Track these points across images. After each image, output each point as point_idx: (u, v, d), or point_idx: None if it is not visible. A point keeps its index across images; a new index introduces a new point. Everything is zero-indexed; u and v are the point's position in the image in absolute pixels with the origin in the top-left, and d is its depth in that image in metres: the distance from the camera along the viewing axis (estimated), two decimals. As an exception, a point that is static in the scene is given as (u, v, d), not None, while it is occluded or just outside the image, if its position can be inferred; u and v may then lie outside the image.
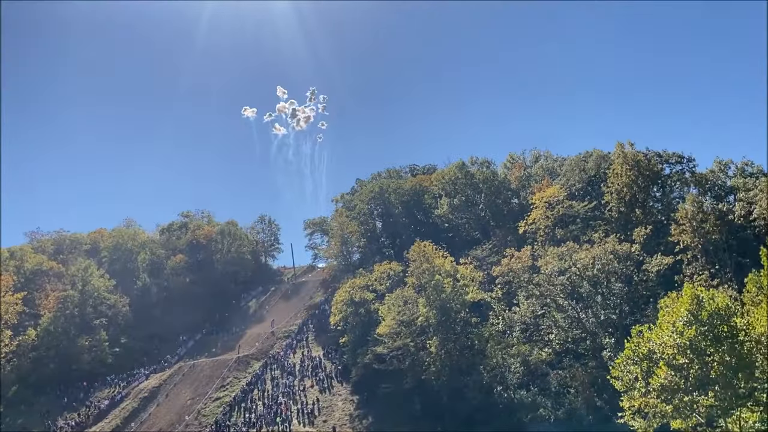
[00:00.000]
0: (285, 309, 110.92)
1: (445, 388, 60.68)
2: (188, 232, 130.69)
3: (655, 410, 35.87)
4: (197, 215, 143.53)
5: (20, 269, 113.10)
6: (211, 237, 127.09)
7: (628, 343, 38.49)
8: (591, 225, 71.57)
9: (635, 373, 37.66)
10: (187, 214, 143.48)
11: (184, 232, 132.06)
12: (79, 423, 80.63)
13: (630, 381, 38.13)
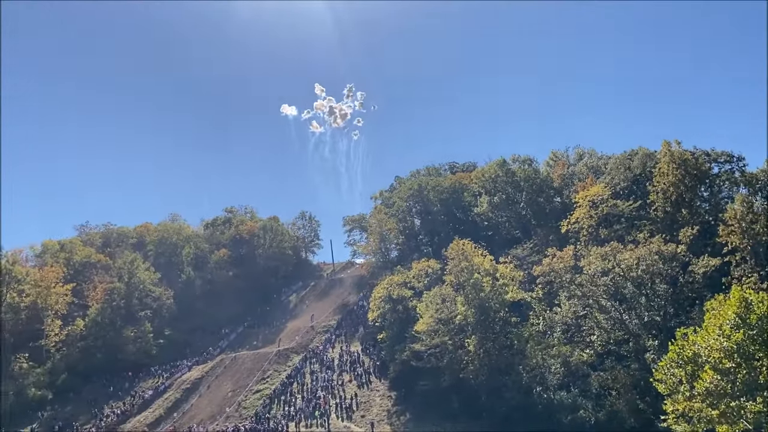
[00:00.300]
0: (324, 304, 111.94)
1: (483, 387, 60.36)
2: (231, 228, 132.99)
3: (699, 415, 35.00)
4: (240, 211, 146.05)
5: (70, 261, 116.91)
6: (254, 232, 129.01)
7: (673, 345, 37.66)
8: (636, 225, 70.07)
9: (679, 376, 36.84)
10: (230, 209, 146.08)
11: (228, 227, 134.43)
12: (124, 411, 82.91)
13: (674, 384, 37.32)
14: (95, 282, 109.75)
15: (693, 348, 35.73)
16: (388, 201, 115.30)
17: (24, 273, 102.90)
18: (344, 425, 65.61)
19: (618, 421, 51.03)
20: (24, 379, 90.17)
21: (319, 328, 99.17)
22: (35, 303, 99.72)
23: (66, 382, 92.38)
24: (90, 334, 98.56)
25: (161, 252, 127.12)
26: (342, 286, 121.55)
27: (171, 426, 74.84)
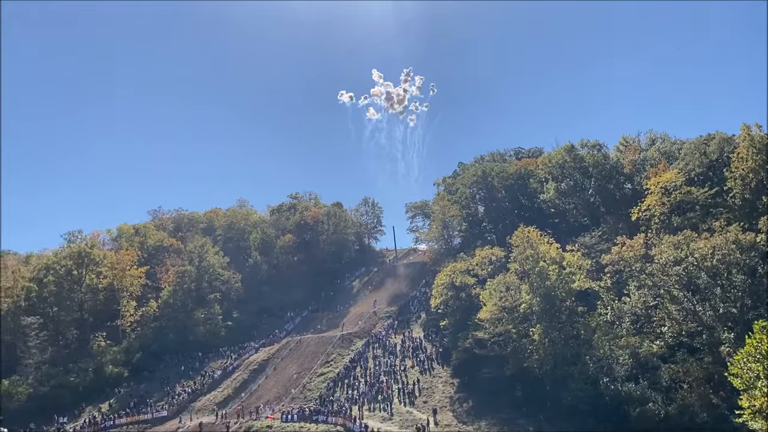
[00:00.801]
0: (386, 290, 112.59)
1: (547, 376, 59.41)
2: (296, 213, 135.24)
3: (779, 412, 33.41)
4: (305, 197, 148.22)
5: (144, 245, 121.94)
6: (318, 218, 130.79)
7: (750, 339, 36.07)
8: (711, 213, 67.06)
9: (757, 371, 35.27)
10: (295, 195, 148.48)
11: (293, 213, 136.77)
12: (194, 390, 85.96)
13: (751, 379, 35.76)
14: (167, 265, 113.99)
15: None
16: (451, 187, 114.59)
17: (101, 256, 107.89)
18: (407, 410, 65.98)
19: (689, 415, 49.23)
20: (102, 357, 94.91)
21: (382, 313, 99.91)
22: (112, 285, 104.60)
23: (140, 360, 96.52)
24: (163, 315, 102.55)
25: (229, 237, 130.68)
26: (404, 273, 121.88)
27: (239, 405, 77.17)
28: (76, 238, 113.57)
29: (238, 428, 69.00)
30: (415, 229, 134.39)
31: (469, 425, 60.76)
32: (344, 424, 63.79)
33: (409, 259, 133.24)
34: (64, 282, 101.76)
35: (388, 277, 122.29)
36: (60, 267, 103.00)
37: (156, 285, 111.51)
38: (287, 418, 68.09)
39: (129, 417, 79.27)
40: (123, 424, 78.02)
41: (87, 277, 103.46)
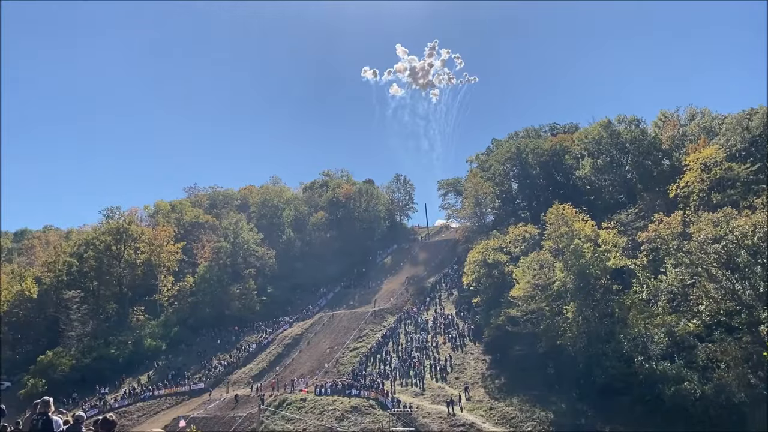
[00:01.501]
0: (418, 267, 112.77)
1: (581, 354, 59.02)
2: (329, 191, 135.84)
3: (821, 393, 32.65)
4: (336, 174, 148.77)
5: (180, 221, 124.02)
6: (350, 195, 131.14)
7: (792, 318, 35.15)
8: (753, 189, 65.20)
9: (799, 351, 34.44)
10: (327, 173, 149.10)
11: (325, 191, 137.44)
12: (230, 363, 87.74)
13: (792, 359, 34.97)
14: (203, 241, 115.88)
15: (816, 321, 33.15)
16: (484, 164, 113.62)
17: (139, 232, 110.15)
18: (438, 386, 66.39)
19: (726, 394, 48.44)
20: (140, 330, 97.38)
21: (413, 290, 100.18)
22: (149, 260, 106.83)
23: (178, 334, 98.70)
24: (199, 290, 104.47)
25: (263, 213, 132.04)
26: (436, 250, 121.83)
27: (273, 378, 78.54)
28: (114, 214, 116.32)
29: (273, 400, 70.29)
30: (447, 206, 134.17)
31: (500, 401, 60.90)
32: (377, 398, 64.53)
33: (441, 237, 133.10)
34: (104, 257, 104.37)
35: (419, 254, 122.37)
36: (99, 242, 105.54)
37: (192, 260, 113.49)
38: (321, 392, 69.15)
39: (167, 389, 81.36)
40: (161, 395, 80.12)
41: (125, 252, 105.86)
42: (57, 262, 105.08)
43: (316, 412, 65.97)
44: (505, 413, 58.67)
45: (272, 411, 68.24)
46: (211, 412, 71.99)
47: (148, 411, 76.66)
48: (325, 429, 62.09)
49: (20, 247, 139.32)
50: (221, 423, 68.82)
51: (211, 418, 69.83)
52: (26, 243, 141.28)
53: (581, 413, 55.19)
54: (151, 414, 75.44)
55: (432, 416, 59.37)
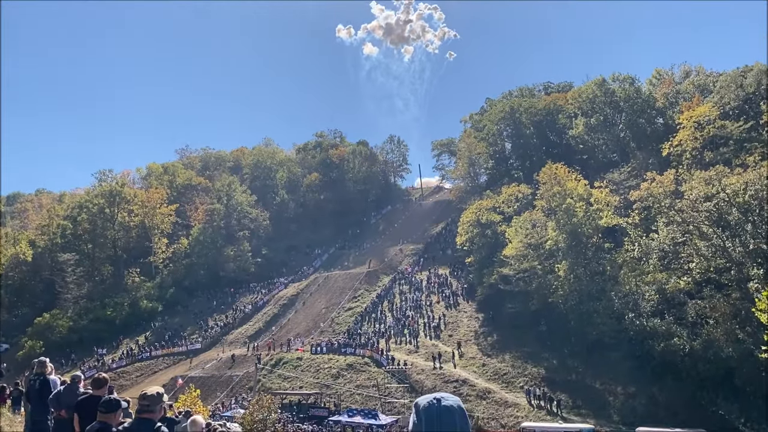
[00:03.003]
0: (412, 227, 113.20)
1: (572, 311, 59.87)
2: (322, 152, 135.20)
3: (806, 346, 33.37)
4: (330, 135, 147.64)
5: (173, 183, 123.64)
6: (343, 156, 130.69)
7: (780, 274, 35.65)
8: (746, 147, 65.28)
9: (785, 306, 35.04)
10: (320, 134, 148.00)
11: (318, 152, 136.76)
12: (226, 324, 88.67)
13: (779, 314, 35.60)
14: (196, 203, 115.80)
15: (803, 277, 33.65)
16: (478, 124, 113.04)
17: (132, 194, 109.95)
18: (432, 343, 67.41)
19: (714, 350, 49.39)
20: (136, 292, 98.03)
21: (408, 250, 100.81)
22: (143, 222, 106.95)
23: (173, 295, 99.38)
24: (193, 252, 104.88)
25: (256, 175, 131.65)
26: (430, 211, 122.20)
27: (269, 338, 79.53)
28: (106, 177, 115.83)
29: (270, 359, 71.34)
30: (441, 167, 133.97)
31: (493, 358, 62.03)
32: (372, 356, 65.58)
33: (435, 197, 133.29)
34: (98, 220, 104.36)
35: (414, 214, 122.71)
36: (93, 205, 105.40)
37: (186, 223, 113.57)
38: (316, 351, 70.14)
39: (164, 349, 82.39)
40: (159, 355, 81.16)
41: (119, 215, 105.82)
42: (51, 225, 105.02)
43: (312, 370, 67.05)
44: (497, 369, 59.83)
45: (269, 370, 69.31)
46: (209, 371, 73.06)
47: (146, 371, 77.74)
48: (321, 386, 63.22)
49: (13, 211, 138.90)
50: (219, 382, 69.94)
51: (208, 378, 70.92)
52: (19, 206, 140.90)
53: (572, 369, 56.36)
54: (149, 374, 76.51)
55: (426, 373, 60.46)
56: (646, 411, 48.05)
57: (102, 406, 7.41)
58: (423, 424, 2.55)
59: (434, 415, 2.53)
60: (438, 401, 2.59)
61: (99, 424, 7.20)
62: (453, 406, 2.59)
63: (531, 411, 52.15)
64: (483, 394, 55.61)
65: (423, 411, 2.58)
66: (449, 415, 2.54)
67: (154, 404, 6.60)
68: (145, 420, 6.49)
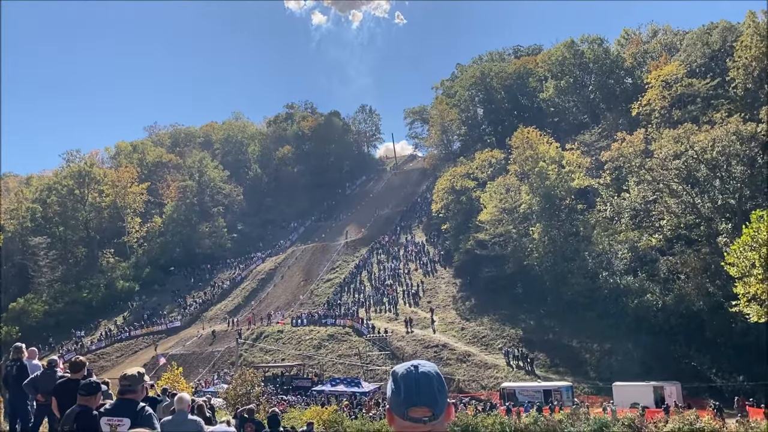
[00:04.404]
0: (388, 197, 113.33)
1: (548, 273, 60.83)
2: (293, 124, 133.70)
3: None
4: (301, 107, 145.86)
5: (143, 161, 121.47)
6: (316, 128, 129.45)
7: (747, 228, 36.54)
8: (713, 104, 66.19)
9: (753, 259, 35.99)
10: (291, 105, 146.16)
11: (290, 124, 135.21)
12: (205, 301, 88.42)
13: (746, 267, 36.57)
14: (168, 181, 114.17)
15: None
16: (449, 90, 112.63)
17: (102, 174, 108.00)
18: (411, 310, 68.12)
19: (686, 304, 50.78)
20: (112, 273, 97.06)
21: (384, 220, 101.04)
22: (114, 202, 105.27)
23: (150, 274, 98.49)
24: (168, 230, 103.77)
25: (228, 150, 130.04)
26: (405, 180, 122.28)
27: (249, 313, 79.63)
28: (74, 157, 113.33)
29: (250, 334, 71.53)
30: (414, 135, 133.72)
31: (471, 321, 62.99)
32: (352, 326, 66.18)
33: (410, 166, 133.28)
34: (68, 201, 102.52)
35: (389, 184, 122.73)
36: (62, 187, 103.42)
37: (159, 201, 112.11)
38: (297, 323, 70.48)
39: (144, 328, 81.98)
40: (139, 335, 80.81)
41: (89, 195, 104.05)
42: (19, 209, 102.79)
43: (293, 342, 67.46)
44: (476, 333, 60.81)
45: (250, 344, 69.56)
46: (190, 348, 73.08)
47: (126, 351, 77.44)
48: (303, 357, 63.69)
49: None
50: (200, 358, 70.05)
51: (189, 354, 70.97)
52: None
53: (549, 329, 57.48)
54: (129, 354, 76.23)
55: (406, 339, 61.22)
56: (622, 366, 49.31)
57: (82, 389, 7.38)
58: (401, 392, 2.58)
59: (412, 382, 2.56)
60: (415, 368, 2.62)
61: (79, 407, 7.18)
62: (430, 372, 2.62)
63: (510, 371, 53.30)
64: (463, 357, 56.60)
65: (401, 378, 2.61)
66: (427, 380, 2.58)
67: (136, 384, 6.60)
68: (127, 401, 6.50)
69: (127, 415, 6.26)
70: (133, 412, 6.31)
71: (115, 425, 6.14)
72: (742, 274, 36.96)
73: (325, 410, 37.65)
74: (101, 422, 6.27)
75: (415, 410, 2.53)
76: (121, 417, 6.26)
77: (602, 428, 33.12)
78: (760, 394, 39.76)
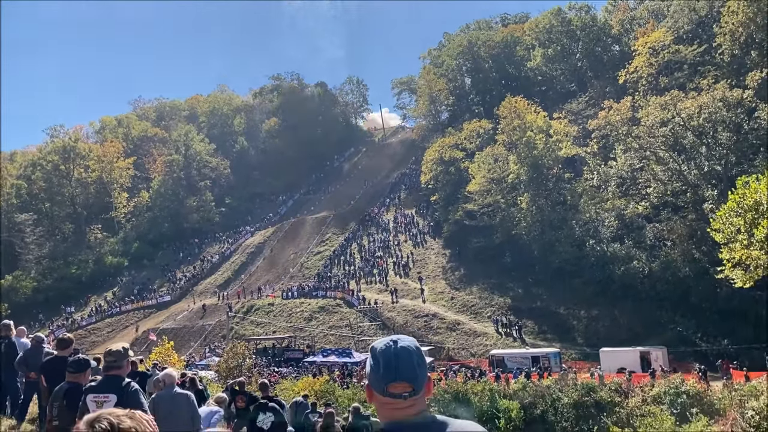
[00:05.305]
0: (376, 169, 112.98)
1: (535, 242, 61.25)
2: (280, 96, 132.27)
3: (757, 262, 34.84)
4: (287, 78, 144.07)
5: (128, 136, 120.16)
6: (302, 99, 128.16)
7: (733, 194, 36.81)
8: (699, 71, 66.05)
9: (738, 225, 36.31)
10: (277, 77, 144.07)
11: (276, 96, 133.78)
12: (195, 275, 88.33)
13: (732, 233, 36.92)
14: (154, 155, 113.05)
15: (755, 196, 34.80)
16: (437, 60, 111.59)
17: (87, 149, 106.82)
18: (401, 281, 68.48)
19: (672, 270, 51.35)
20: (100, 248, 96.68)
21: (373, 192, 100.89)
22: (101, 178, 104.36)
23: (138, 249, 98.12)
24: (155, 205, 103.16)
25: (213, 123, 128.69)
26: (393, 151, 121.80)
27: (239, 286, 79.71)
28: (58, 132, 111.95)
29: (241, 307, 71.70)
30: (402, 106, 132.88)
31: (461, 291, 63.49)
32: (343, 298, 66.48)
33: (398, 137, 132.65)
34: (53, 177, 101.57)
35: (377, 156, 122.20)
36: (46, 163, 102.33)
37: (145, 175, 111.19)
38: (288, 296, 70.70)
39: (134, 303, 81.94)
40: (129, 310, 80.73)
41: (75, 171, 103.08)
42: (4, 186, 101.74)
43: (284, 315, 67.75)
44: (465, 302, 61.35)
45: (241, 317, 69.79)
46: (180, 322, 73.22)
47: (117, 326, 77.48)
48: (295, 329, 64.06)
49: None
50: (191, 332, 70.26)
51: (180, 329, 71.14)
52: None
53: (537, 297, 58.09)
54: (120, 329, 76.29)
55: (396, 310, 61.65)
56: (609, 332, 50.08)
57: (71, 367, 7.40)
58: (381, 367, 2.53)
59: (392, 356, 2.50)
60: (395, 342, 2.57)
61: (68, 384, 7.20)
62: (410, 347, 2.57)
63: (499, 339, 53.94)
64: (453, 326, 57.17)
65: (380, 353, 2.56)
66: (407, 354, 2.52)
67: (121, 360, 6.61)
68: (112, 377, 6.51)
69: (113, 392, 6.28)
70: (119, 388, 6.33)
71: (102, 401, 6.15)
72: (728, 240, 37.34)
73: (317, 381, 38.02)
74: (87, 399, 6.28)
75: (395, 385, 2.47)
76: (107, 393, 6.27)
77: (589, 393, 33.75)
78: (743, 357, 40.50)
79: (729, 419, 27.75)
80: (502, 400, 34.58)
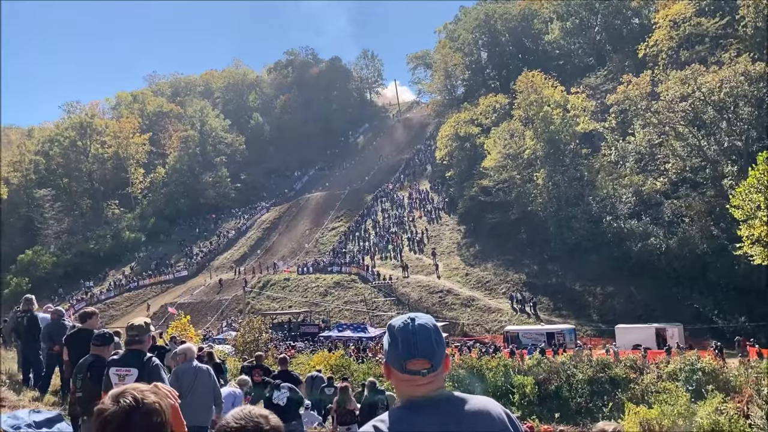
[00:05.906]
0: (391, 144, 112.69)
1: (551, 218, 60.88)
2: (294, 71, 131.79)
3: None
4: (301, 53, 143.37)
5: (144, 112, 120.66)
6: (317, 74, 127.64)
7: (753, 170, 36.29)
8: (721, 44, 64.60)
9: (758, 201, 35.89)
10: (291, 52, 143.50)
11: (291, 71, 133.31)
12: (211, 250, 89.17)
13: (752, 210, 36.52)
14: (170, 131, 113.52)
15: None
16: (452, 34, 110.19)
17: (103, 125, 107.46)
18: (416, 257, 68.61)
19: (690, 247, 50.79)
20: (118, 224, 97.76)
21: (388, 168, 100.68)
22: (117, 153, 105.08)
23: (155, 225, 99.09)
24: (171, 180, 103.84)
25: (228, 99, 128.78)
26: (408, 126, 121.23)
27: (255, 261, 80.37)
28: (75, 108, 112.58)
29: (257, 282, 72.38)
30: (418, 81, 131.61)
31: (476, 267, 63.45)
32: (358, 273, 66.84)
33: (413, 113, 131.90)
34: (70, 153, 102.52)
35: (392, 131, 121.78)
36: (64, 138, 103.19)
37: (161, 151, 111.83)
38: (303, 271, 71.18)
39: (152, 278, 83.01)
40: (147, 284, 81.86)
41: (92, 146, 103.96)
42: (23, 161, 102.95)
43: (300, 290, 68.29)
44: (480, 278, 61.35)
45: (257, 292, 70.46)
46: (197, 297, 74.10)
47: (135, 300, 78.61)
48: (310, 304, 64.60)
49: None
50: (208, 306, 71.13)
51: (197, 303, 72.02)
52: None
53: (552, 273, 57.90)
54: (138, 303, 77.40)
55: (411, 285, 61.87)
56: (625, 309, 49.86)
57: (96, 340, 7.52)
58: (399, 344, 2.55)
59: (410, 334, 2.52)
60: (412, 320, 2.59)
61: (92, 356, 7.32)
62: (428, 324, 2.59)
63: (514, 315, 53.98)
64: (467, 302, 57.27)
65: (398, 331, 2.58)
66: (425, 332, 2.54)
67: (143, 334, 6.69)
68: (134, 351, 6.59)
69: (135, 366, 6.37)
70: (141, 362, 6.42)
71: (123, 375, 6.25)
72: (747, 216, 36.93)
73: (332, 355, 38.40)
74: (110, 372, 6.38)
75: (414, 362, 2.49)
76: (128, 367, 6.37)
77: (604, 369, 33.77)
78: (760, 334, 40.21)
79: (745, 396, 27.68)
80: (516, 376, 34.72)
